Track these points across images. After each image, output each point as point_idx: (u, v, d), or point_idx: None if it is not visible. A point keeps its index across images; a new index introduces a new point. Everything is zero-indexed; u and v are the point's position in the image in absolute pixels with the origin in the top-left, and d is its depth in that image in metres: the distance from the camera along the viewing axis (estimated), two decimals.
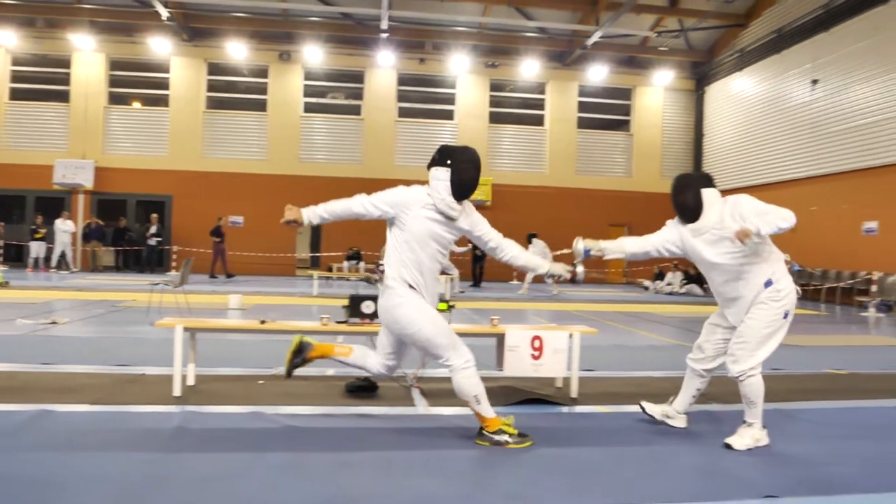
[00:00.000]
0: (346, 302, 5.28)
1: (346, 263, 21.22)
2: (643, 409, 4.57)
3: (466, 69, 23.59)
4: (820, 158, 18.50)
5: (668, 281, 20.72)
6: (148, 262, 21.45)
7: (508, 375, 5.22)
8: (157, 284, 10.11)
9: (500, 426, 3.91)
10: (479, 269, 20.17)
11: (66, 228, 20.24)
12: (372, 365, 4.24)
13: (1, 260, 20.28)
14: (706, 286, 21.09)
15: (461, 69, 23.52)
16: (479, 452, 3.83)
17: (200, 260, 18.57)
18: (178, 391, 4.91)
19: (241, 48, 22.00)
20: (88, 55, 22.33)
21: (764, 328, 3.99)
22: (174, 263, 21.64)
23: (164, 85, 23.11)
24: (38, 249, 19.91)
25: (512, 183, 23.77)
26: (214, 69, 23.48)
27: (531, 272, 4.43)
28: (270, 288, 16.41)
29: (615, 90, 25.29)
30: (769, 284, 4.02)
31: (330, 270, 20.07)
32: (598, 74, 23.74)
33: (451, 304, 5.30)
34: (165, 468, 3.41)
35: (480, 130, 24.11)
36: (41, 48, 22.46)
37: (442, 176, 3.95)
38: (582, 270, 4.27)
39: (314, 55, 22.53)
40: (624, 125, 25.75)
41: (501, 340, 5.09)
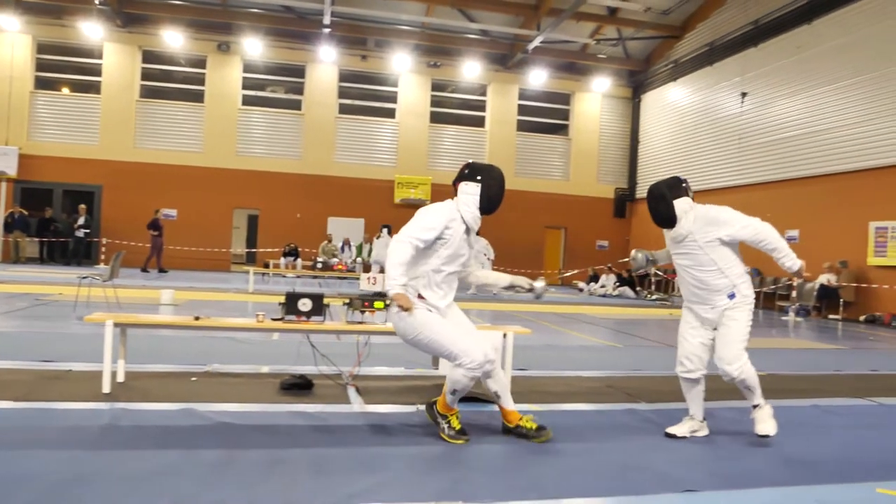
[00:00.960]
0: (282, 299, 5.24)
1: (283, 260, 21.01)
2: (672, 435, 4.45)
3: (408, 68, 23.62)
4: (746, 168, 19.31)
5: (601, 283, 21.24)
6: (75, 254, 20.71)
7: (443, 374, 5.30)
8: (85, 278, 9.79)
9: (449, 414, 4.09)
10: None
11: None
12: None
13: None
14: (638, 289, 21.73)
15: (403, 68, 23.54)
16: (413, 450, 3.89)
17: (132, 253, 18.06)
18: (107, 388, 4.80)
19: (177, 37, 21.46)
20: (14, 36, 21.39)
21: (742, 328, 4.35)
22: (103, 256, 20.96)
23: (95, 71, 22.34)
24: None
25: (451, 183, 23.88)
26: (149, 57, 22.83)
27: (495, 287, 4.62)
28: (204, 283, 16.08)
29: (554, 95, 25.76)
30: (733, 296, 4.33)
31: (266, 266, 19.83)
32: (538, 78, 24.14)
33: (388, 302, 5.32)
34: (93, 466, 3.34)
35: (421, 129, 24.20)
36: None
37: (472, 191, 4.14)
38: (541, 285, 4.41)
39: (254, 47, 22.17)
40: (562, 129, 26.25)
41: None
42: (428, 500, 3.15)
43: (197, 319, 5.18)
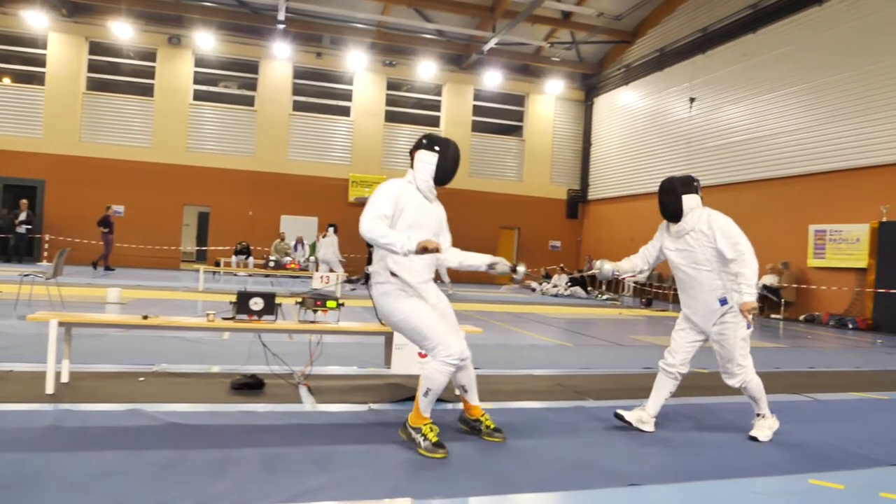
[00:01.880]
0: (233, 298, 5.20)
1: (234, 258, 20.72)
2: (620, 416, 4.65)
3: (364, 66, 23.55)
4: (694, 171, 19.65)
5: (554, 283, 21.52)
6: (16, 251, 20.03)
7: (396, 373, 5.34)
8: (27, 275, 9.50)
9: (422, 426, 3.92)
10: None
11: None
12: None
13: None
14: (590, 289, 22.05)
15: (358, 66, 23.45)
16: (365, 448, 3.91)
17: (77, 250, 17.56)
18: (50, 388, 4.69)
19: (126, 28, 20.96)
20: None
21: (739, 340, 4.47)
22: (46, 253, 20.34)
23: (39, 62, 21.66)
24: None
25: None
26: (97, 49, 22.23)
27: (472, 268, 4.48)
28: (152, 282, 15.76)
29: (509, 96, 26.00)
30: (724, 302, 4.47)
31: (217, 265, 19.53)
32: (493, 80, 24.34)
33: (340, 302, 5.34)
34: (36, 468, 3.28)
35: (376, 128, 24.15)
36: None
37: (429, 160, 4.16)
38: (522, 269, 4.45)
39: (206, 41, 21.79)
40: (517, 131, 26.51)
41: (390, 339, 5.20)
42: (379, 497, 3.18)
43: (145, 318, 5.10)
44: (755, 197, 17.39)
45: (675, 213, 4.58)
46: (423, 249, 3.73)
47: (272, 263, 18.75)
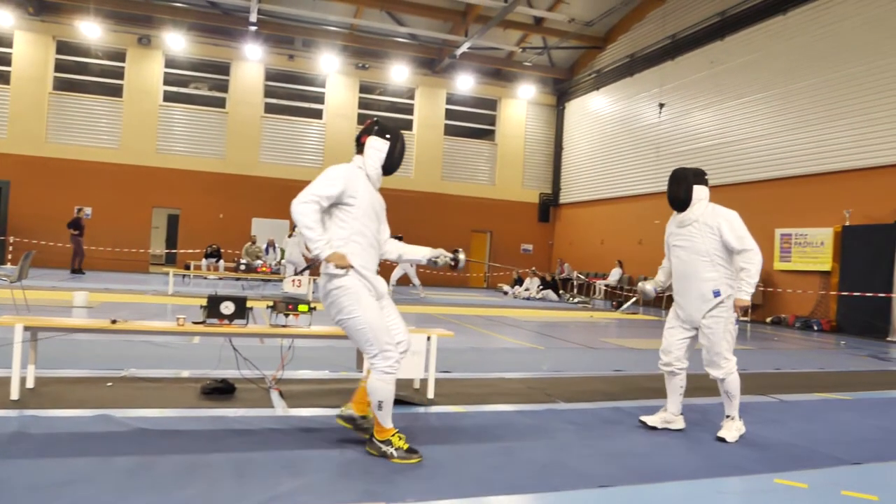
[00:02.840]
0: (204, 301, 5.15)
1: (204, 261, 20.47)
2: (644, 423, 4.83)
3: (336, 69, 23.49)
4: (664, 176, 19.95)
5: (525, 286, 21.63)
6: None
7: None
8: None
9: (390, 437, 3.86)
10: None
11: None
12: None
13: None
14: (561, 292, 22.17)
15: (331, 69, 23.38)
16: (336, 453, 3.90)
17: (43, 253, 17.24)
18: (15, 394, 4.61)
19: (95, 28, 20.64)
20: None
21: (724, 333, 4.61)
22: (10, 256, 19.93)
23: (4, 60, 21.28)
24: None
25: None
26: (64, 48, 21.87)
27: (413, 261, 4.45)
28: (121, 285, 15.52)
29: (481, 100, 26.11)
30: (717, 294, 4.59)
31: (187, 268, 19.29)
32: (465, 84, 24.44)
33: (312, 305, 5.32)
34: (0, 475, 3.22)
35: (348, 131, 24.07)
36: None
37: (380, 146, 4.04)
38: (463, 258, 4.46)
39: (177, 42, 21.55)
40: (489, 134, 26.64)
41: None
42: (350, 501, 3.18)
43: (114, 323, 5.04)
44: (722, 201, 17.34)
45: (683, 201, 4.75)
46: (335, 263, 3.66)
47: (243, 266, 18.57)
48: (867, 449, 4.61)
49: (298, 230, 18.02)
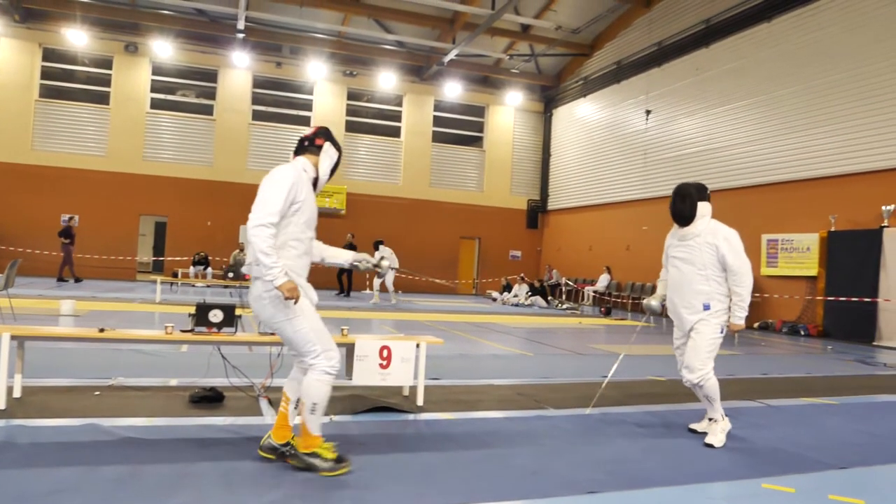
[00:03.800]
0: (192, 309, 5.13)
1: (192, 269, 20.40)
2: (694, 430, 5.01)
3: (324, 76, 23.49)
4: (650, 182, 20.20)
5: (514, 293, 21.66)
6: None
7: (357, 384, 5.33)
8: None
9: (316, 448, 3.70)
10: (346, 277, 19.92)
11: None
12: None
13: None
14: (550, 298, 22.21)
15: (319, 76, 23.38)
16: None
17: (29, 261, 17.11)
18: (2, 404, 4.57)
19: (81, 35, 20.56)
20: None
21: (709, 339, 4.73)
22: None
23: None
24: None
25: (366, 192, 23.93)
26: (50, 55, 21.76)
27: (336, 264, 4.37)
28: (108, 293, 15.42)
29: (469, 107, 26.19)
30: (707, 308, 4.74)
31: (175, 276, 19.20)
32: (453, 91, 24.52)
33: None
34: None
35: (336, 138, 24.01)
36: None
37: (333, 154, 4.05)
38: (387, 264, 4.45)
39: (164, 49, 21.50)
40: (477, 141, 26.70)
41: (351, 350, 5.19)
42: None
43: (102, 331, 5.01)
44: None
45: (688, 217, 4.86)
46: (285, 293, 3.51)
47: (231, 274, 18.51)
48: (853, 453, 4.65)
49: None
